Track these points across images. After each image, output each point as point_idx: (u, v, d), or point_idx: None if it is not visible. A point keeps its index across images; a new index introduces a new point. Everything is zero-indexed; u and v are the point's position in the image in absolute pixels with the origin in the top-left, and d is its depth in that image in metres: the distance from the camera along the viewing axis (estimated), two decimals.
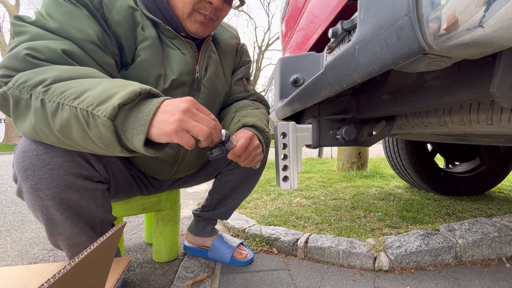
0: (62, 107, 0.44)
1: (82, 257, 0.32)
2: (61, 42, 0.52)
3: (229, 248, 1.00)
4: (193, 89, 0.74)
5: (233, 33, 0.87)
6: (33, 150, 0.53)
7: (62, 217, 0.57)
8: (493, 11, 0.20)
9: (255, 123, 0.73)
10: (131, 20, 0.62)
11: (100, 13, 0.59)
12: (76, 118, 0.44)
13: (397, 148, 1.83)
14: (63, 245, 0.62)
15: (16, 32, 0.51)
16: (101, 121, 0.43)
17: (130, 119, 0.45)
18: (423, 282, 0.87)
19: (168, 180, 0.91)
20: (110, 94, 0.44)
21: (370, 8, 0.33)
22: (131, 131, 0.45)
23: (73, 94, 0.44)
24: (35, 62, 0.48)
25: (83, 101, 0.44)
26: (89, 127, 0.44)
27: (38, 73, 0.46)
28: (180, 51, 0.69)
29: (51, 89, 0.45)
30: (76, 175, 0.57)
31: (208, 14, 0.65)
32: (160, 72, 0.66)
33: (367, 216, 1.40)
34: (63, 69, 0.48)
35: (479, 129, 0.66)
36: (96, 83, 0.47)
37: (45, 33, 0.52)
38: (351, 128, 0.77)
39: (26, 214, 1.74)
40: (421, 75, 0.52)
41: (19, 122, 0.49)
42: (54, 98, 0.44)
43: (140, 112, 0.46)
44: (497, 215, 1.34)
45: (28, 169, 0.53)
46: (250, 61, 0.95)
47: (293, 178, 0.72)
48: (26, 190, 0.54)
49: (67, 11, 0.54)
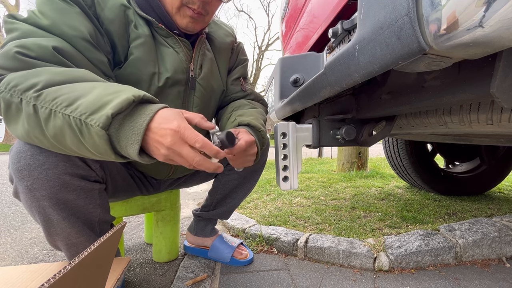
0: (55, 114, 0.44)
1: (82, 257, 0.32)
2: (52, 39, 0.51)
3: (229, 248, 1.00)
4: (188, 88, 0.73)
5: (228, 31, 0.87)
6: (27, 150, 0.53)
7: (59, 217, 0.57)
8: (493, 11, 0.20)
9: (251, 122, 0.72)
10: (124, 18, 0.62)
11: (92, 10, 0.59)
12: (69, 126, 0.44)
13: (397, 148, 1.83)
14: (61, 245, 0.62)
15: (7, 29, 0.51)
16: (94, 130, 0.42)
17: (124, 128, 0.44)
18: (423, 282, 0.87)
19: (168, 180, 0.91)
20: (103, 102, 0.43)
21: (370, 8, 0.33)
22: (125, 140, 0.44)
23: (65, 101, 0.43)
24: (26, 60, 0.47)
25: (76, 109, 0.43)
26: (82, 136, 0.44)
27: (29, 76, 0.45)
28: (173, 49, 0.69)
29: (43, 94, 0.44)
30: (72, 174, 0.56)
31: (196, 8, 0.64)
32: (154, 70, 0.66)
33: (367, 216, 1.40)
34: (55, 72, 0.47)
35: (479, 129, 0.66)
36: (89, 89, 0.45)
37: (36, 30, 0.51)
38: (351, 128, 0.77)
39: (26, 214, 1.74)
40: (421, 75, 0.52)
41: (11, 125, 0.49)
42: (46, 104, 0.44)
43: (134, 121, 0.45)
44: (497, 215, 1.34)
45: (23, 169, 0.52)
46: (247, 60, 0.94)
47: (293, 178, 0.72)
48: (22, 190, 0.54)
49: (59, 8, 0.54)
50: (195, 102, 0.76)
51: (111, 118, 0.42)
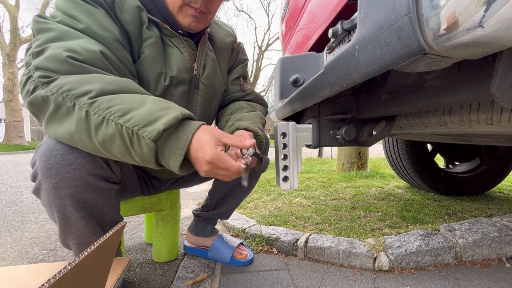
0: (107, 122, 0.47)
1: (82, 257, 0.32)
2: (94, 43, 0.53)
3: (229, 248, 1.00)
4: (191, 87, 0.74)
5: (228, 31, 0.87)
6: (59, 149, 0.54)
7: (77, 216, 0.58)
8: (493, 11, 0.20)
9: (248, 126, 0.72)
10: (138, 19, 0.64)
11: (113, 12, 0.60)
12: (120, 134, 0.47)
13: (397, 148, 1.83)
14: (72, 243, 0.63)
15: (40, 29, 0.52)
16: (145, 142, 0.47)
17: (169, 141, 0.50)
18: (423, 282, 0.87)
19: (169, 179, 0.91)
20: (155, 117, 0.48)
21: (370, 8, 0.33)
22: (169, 152, 0.49)
23: (119, 111, 0.47)
24: (76, 64, 0.49)
25: (129, 120, 0.47)
26: (132, 145, 0.48)
27: (83, 82, 0.48)
28: (178, 49, 0.70)
29: (97, 101, 0.47)
30: (95, 175, 0.58)
31: (198, 7, 0.65)
32: (161, 70, 0.67)
33: (367, 216, 1.40)
34: (107, 81, 0.50)
35: (479, 129, 0.66)
36: (140, 102, 0.50)
37: (73, 31, 0.53)
38: (351, 128, 0.77)
39: (26, 214, 1.74)
40: (421, 75, 0.52)
41: (53, 125, 0.51)
42: (100, 112, 0.47)
43: (178, 136, 0.50)
44: (497, 215, 1.34)
45: (53, 167, 0.54)
46: (247, 60, 0.95)
47: (293, 178, 0.72)
48: (47, 188, 0.55)
49: (86, 10, 0.55)
50: (198, 101, 0.77)
51: (162, 132, 0.47)
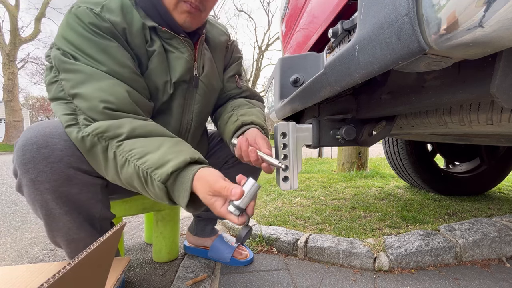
0: (128, 163, 0.54)
1: (82, 257, 0.32)
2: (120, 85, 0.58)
3: (229, 248, 1.00)
4: (191, 86, 0.75)
5: (222, 30, 0.88)
6: (33, 143, 0.54)
7: (61, 211, 0.58)
8: (493, 11, 0.20)
9: (254, 120, 0.76)
10: (144, 38, 0.66)
11: (124, 39, 0.62)
12: (137, 174, 0.53)
13: (397, 148, 1.83)
14: (61, 241, 0.63)
15: (65, 69, 0.56)
16: (156, 183, 0.52)
17: (177, 183, 0.54)
18: (423, 282, 0.87)
19: None
20: (165, 160, 0.53)
21: (370, 8, 0.33)
22: (178, 193, 0.54)
23: (138, 154, 0.53)
24: (111, 114, 0.56)
25: (145, 162, 0.53)
26: (147, 184, 0.54)
27: (114, 127, 0.55)
28: (178, 50, 0.70)
29: (122, 144, 0.54)
30: (76, 169, 0.58)
31: (194, 2, 0.65)
32: (167, 78, 0.69)
33: (367, 216, 1.40)
34: (135, 126, 0.56)
35: (479, 129, 0.66)
36: (158, 145, 0.56)
37: (97, 72, 0.57)
38: (351, 128, 0.77)
39: (26, 214, 1.74)
40: (421, 75, 0.52)
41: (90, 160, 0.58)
42: (123, 154, 0.54)
43: (183, 177, 0.54)
44: (497, 215, 1.34)
45: (29, 162, 0.53)
46: (241, 57, 0.96)
47: (293, 178, 0.72)
48: (26, 183, 0.55)
49: (103, 48, 0.58)
50: (196, 99, 0.78)
51: (169, 175, 0.52)
